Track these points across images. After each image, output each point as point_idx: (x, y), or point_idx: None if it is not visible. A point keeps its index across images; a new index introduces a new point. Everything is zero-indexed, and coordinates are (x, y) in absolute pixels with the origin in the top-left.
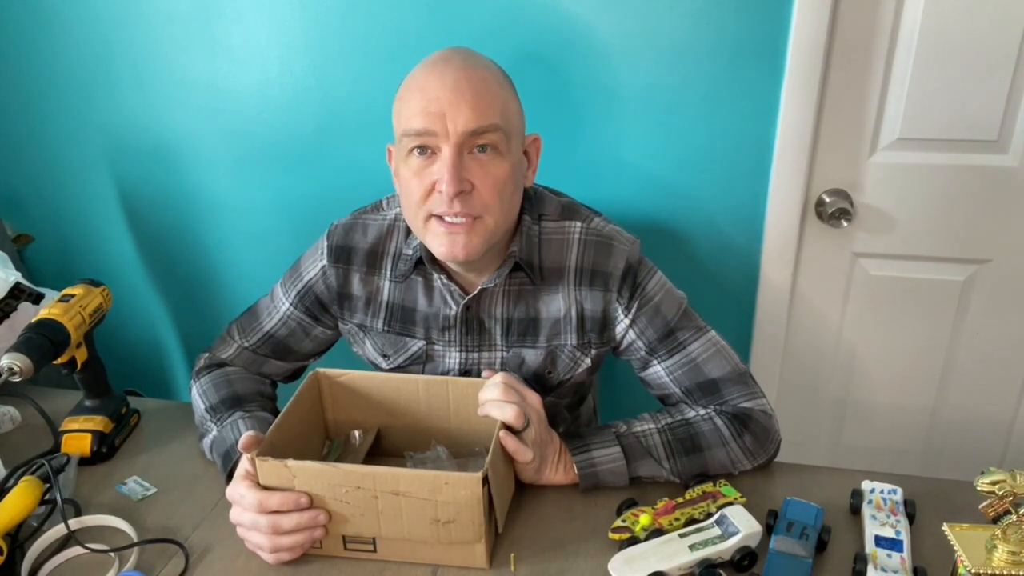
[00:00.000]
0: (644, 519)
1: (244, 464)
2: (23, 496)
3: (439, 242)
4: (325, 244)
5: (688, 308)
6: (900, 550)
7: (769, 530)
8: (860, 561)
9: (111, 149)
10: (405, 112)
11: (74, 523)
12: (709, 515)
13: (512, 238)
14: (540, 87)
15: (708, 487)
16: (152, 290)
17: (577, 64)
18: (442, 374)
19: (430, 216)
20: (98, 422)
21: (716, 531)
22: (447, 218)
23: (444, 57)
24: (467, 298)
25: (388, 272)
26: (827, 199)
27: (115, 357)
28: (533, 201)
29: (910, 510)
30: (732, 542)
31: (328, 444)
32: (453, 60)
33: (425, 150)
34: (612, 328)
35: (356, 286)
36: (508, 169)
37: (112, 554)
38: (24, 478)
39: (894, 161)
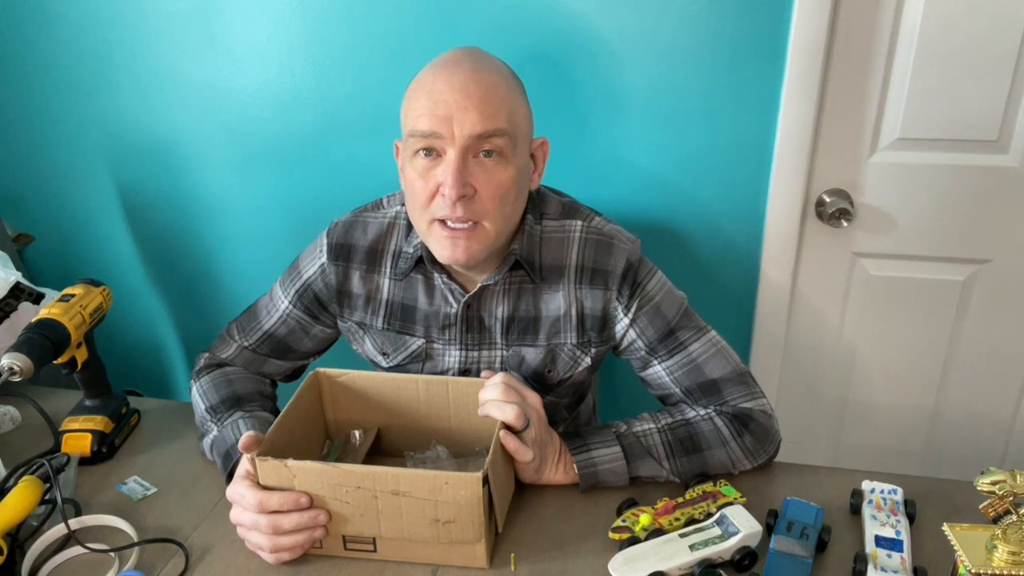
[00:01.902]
0: (644, 519)
1: (244, 464)
2: (23, 496)
3: (441, 246)
4: (325, 242)
5: (688, 308)
6: (900, 550)
7: (769, 530)
8: (860, 561)
9: (111, 149)
10: (412, 113)
11: (74, 523)
12: (709, 515)
13: (514, 237)
14: (540, 87)
15: (708, 487)
16: (152, 290)
17: (576, 64)
18: (442, 373)
19: (433, 220)
20: (98, 422)
21: (716, 531)
22: (449, 223)
23: (454, 58)
24: (467, 296)
25: (388, 270)
26: (827, 199)
27: (115, 357)
28: (535, 200)
29: (910, 510)
30: (732, 542)
31: (328, 444)
32: (463, 62)
33: (431, 152)
34: (612, 327)
35: (356, 284)
36: (512, 175)
37: (112, 554)
38: (24, 478)
39: (894, 161)
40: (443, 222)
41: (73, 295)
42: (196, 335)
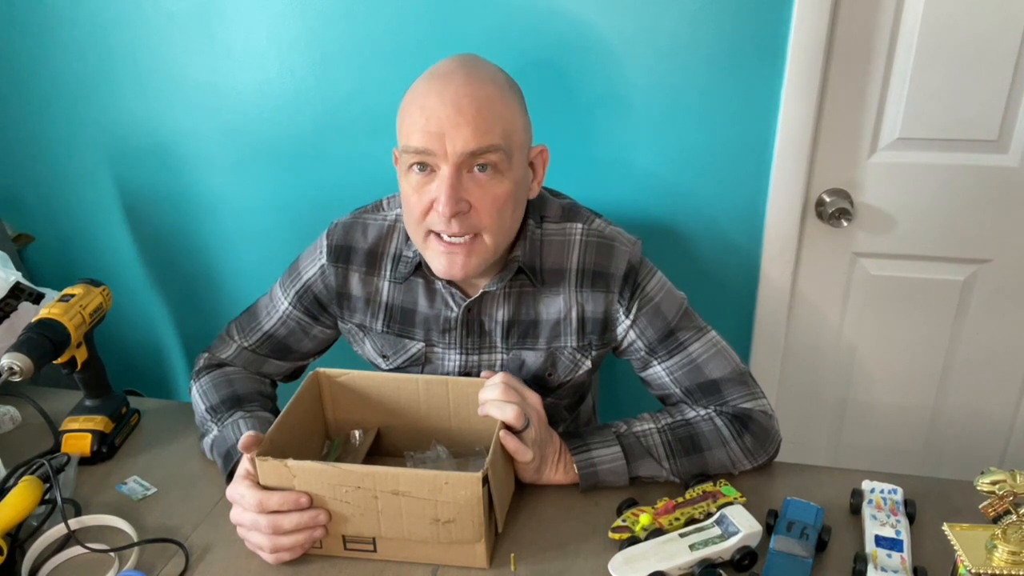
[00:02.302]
0: (644, 519)
1: (244, 464)
2: (23, 496)
3: (438, 260)
4: (325, 243)
5: (688, 308)
6: (900, 550)
7: (769, 530)
8: (860, 561)
9: (111, 149)
10: (405, 127)
11: (74, 523)
12: (709, 515)
13: (515, 243)
14: (540, 88)
15: (708, 487)
16: (152, 290)
17: (576, 64)
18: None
19: (429, 233)
20: (98, 422)
21: (716, 531)
22: (446, 237)
23: (448, 70)
24: (468, 301)
25: (388, 273)
26: (827, 199)
27: (115, 357)
28: (535, 204)
29: (910, 510)
30: (732, 542)
31: (328, 444)
32: (456, 74)
33: (424, 167)
34: (613, 329)
35: (355, 286)
36: (508, 188)
37: (112, 554)
38: (24, 478)
39: (894, 161)
40: (439, 236)
41: (73, 295)
42: (196, 335)
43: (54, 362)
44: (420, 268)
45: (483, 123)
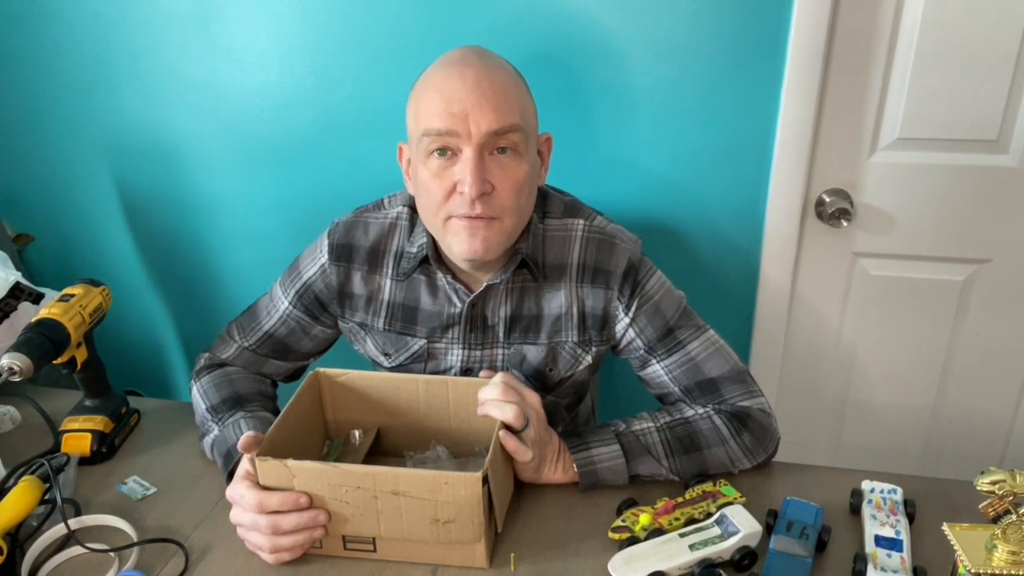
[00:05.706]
0: (644, 519)
1: (244, 464)
2: (23, 496)
3: (459, 239)
4: (326, 242)
5: (687, 307)
6: (900, 550)
7: (769, 530)
8: (860, 561)
9: (111, 149)
10: (424, 112)
11: (74, 523)
12: (709, 515)
13: (519, 236)
14: (540, 87)
15: (708, 487)
16: (152, 290)
17: (576, 64)
18: (444, 372)
19: (450, 217)
20: (98, 422)
21: (716, 531)
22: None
23: (462, 57)
24: (473, 296)
25: (390, 271)
26: (827, 199)
27: (115, 357)
28: (537, 199)
29: (910, 510)
30: (732, 542)
31: (328, 444)
32: (471, 60)
33: (445, 151)
34: (612, 326)
35: (357, 284)
36: (527, 170)
37: (112, 554)
38: (24, 478)
39: (894, 161)
40: (460, 217)
41: (73, 295)
42: (196, 335)
43: (54, 362)
44: (423, 264)
45: (504, 103)
